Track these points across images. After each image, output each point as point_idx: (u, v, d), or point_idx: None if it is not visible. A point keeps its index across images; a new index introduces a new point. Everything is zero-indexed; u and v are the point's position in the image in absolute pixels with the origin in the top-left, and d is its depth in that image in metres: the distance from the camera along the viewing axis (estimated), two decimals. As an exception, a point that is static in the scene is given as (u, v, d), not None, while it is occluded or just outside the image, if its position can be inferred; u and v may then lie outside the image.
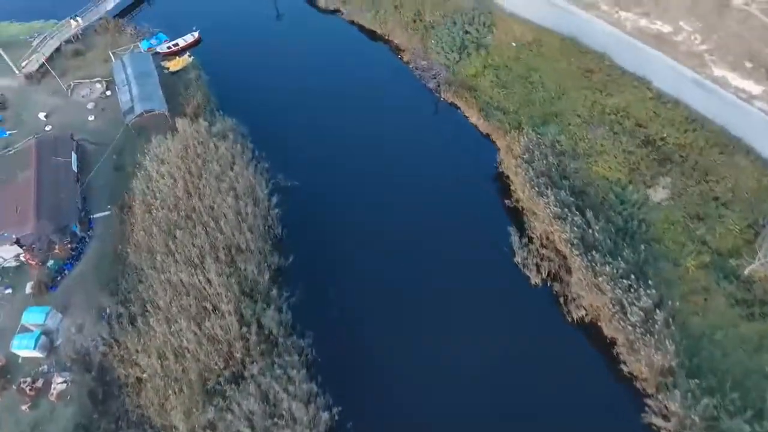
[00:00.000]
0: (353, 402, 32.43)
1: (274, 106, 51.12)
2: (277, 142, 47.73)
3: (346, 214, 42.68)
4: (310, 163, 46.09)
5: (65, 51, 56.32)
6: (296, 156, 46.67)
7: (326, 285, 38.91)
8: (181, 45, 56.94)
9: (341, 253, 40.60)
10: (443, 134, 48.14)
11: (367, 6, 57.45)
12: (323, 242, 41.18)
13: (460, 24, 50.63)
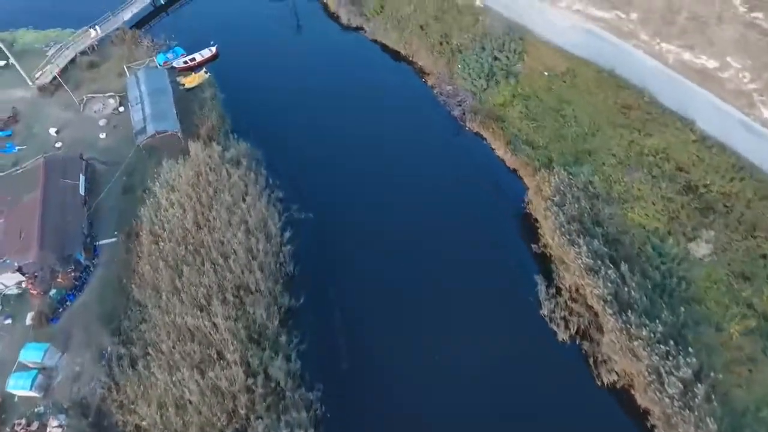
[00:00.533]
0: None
1: (290, 129, 49.04)
2: (293, 168, 45.82)
3: (362, 250, 40.34)
4: (326, 192, 43.99)
5: (80, 62, 54.89)
6: (312, 184, 44.65)
7: (339, 329, 36.85)
8: (198, 60, 55.13)
9: (356, 293, 38.38)
10: (467, 166, 45.52)
11: (391, 25, 55.05)
12: (337, 281, 39.03)
13: (489, 50, 48.02)
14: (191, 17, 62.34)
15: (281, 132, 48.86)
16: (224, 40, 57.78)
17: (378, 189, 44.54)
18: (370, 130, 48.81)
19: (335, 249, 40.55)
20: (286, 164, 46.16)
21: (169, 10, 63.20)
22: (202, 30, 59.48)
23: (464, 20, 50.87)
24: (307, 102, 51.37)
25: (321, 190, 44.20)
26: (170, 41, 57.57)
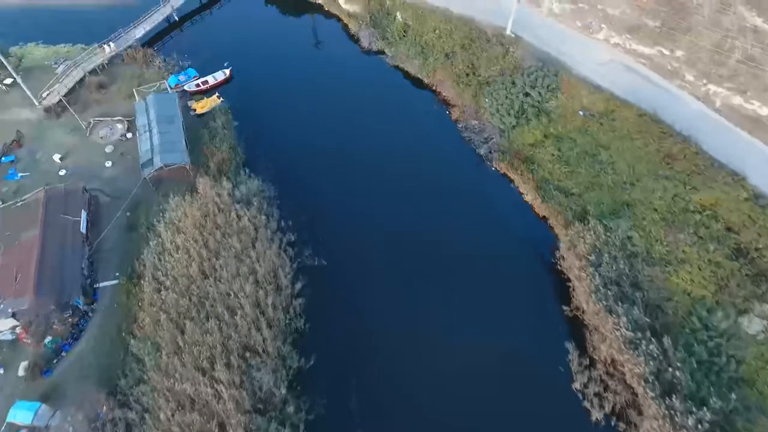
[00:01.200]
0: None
1: (305, 160, 46.26)
2: (306, 205, 42.89)
3: (379, 302, 37.51)
4: (341, 233, 41.20)
5: (89, 82, 52.55)
6: (326, 223, 41.79)
7: (352, 395, 34.04)
8: (211, 83, 52.58)
9: (372, 353, 35.46)
10: (492, 210, 42.43)
11: (414, 52, 52.08)
12: (352, 337, 36.03)
13: (520, 85, 44.81)
14: (206, 34, 59.90)
15: (295, 163, 46.15)
16: (239, 60, 55.28)
17: (397, 231, 41.49)
18: (389, 164, 45.87)
19: (350, 300, 37.65)
20: (300, 200, 43.29)
21: (183, 26, 60.73)
22: (216, 48, 57.11)
23: (493, 51, 47.71)
24: (322, 131, 48.63)
25: (335, 231, 41.39)
26: (183, 61, 55.28)
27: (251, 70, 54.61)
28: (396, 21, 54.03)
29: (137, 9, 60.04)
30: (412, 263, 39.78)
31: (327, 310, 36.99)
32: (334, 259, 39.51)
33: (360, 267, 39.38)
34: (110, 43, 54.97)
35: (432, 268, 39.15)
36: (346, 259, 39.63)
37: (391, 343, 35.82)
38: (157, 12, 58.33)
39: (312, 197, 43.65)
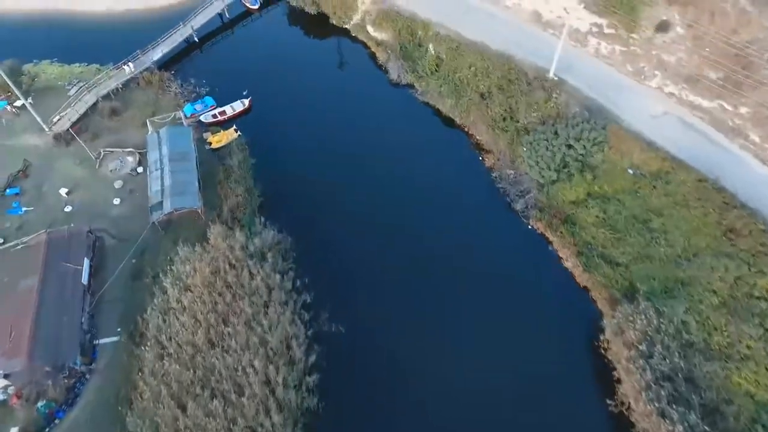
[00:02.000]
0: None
1: (325, 206, 42.77)
2: (325, 259, 39.65)
3: (402, 377, 34.16)
4: (362, 293, 37.83)
5: (101, 108, 49.83)
6: (346, 280, 38.50)
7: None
8: (229, 114, 49.56)
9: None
10: (526, 275, 38.56)
11: (447, 89, 48.34)
12: (373, 420, 32.85)
13: (563, 136, 40.83)
14: (226, 56, 56.78)
15: (315, 206, 42.82)
16: (259, 87, 52.09)
17: (423, 292, 38.02)
18: (416, 212, 42.35)
19: (370, 374, 34.36)
20: (319, 251, 39.98)
21: (203, 46, 57.89)
22: (235, 72, 54.04)
23: (534, 95, 43.78)
24: (345, 171, 45.20)
25: (356, 289, 38.07)
26: (200, 87, 52.25)
27: (271, 99, 51.41)
28: (428, 54, 50.34)
29: (155, 29, 57.63)
30: (439, 331, 36.32)
31: (344, 386, 33.67)
32: (354, 324, 36.12)
33: (382, 333, 35.95)
34: (129, 63, 52.37)
35: (459, 335, 35.63)
36: (366, 324, 36.24)
37: (417, 424, 32.48)
38: (176, 33, 55.46)
39: (332, 247, 40.34)
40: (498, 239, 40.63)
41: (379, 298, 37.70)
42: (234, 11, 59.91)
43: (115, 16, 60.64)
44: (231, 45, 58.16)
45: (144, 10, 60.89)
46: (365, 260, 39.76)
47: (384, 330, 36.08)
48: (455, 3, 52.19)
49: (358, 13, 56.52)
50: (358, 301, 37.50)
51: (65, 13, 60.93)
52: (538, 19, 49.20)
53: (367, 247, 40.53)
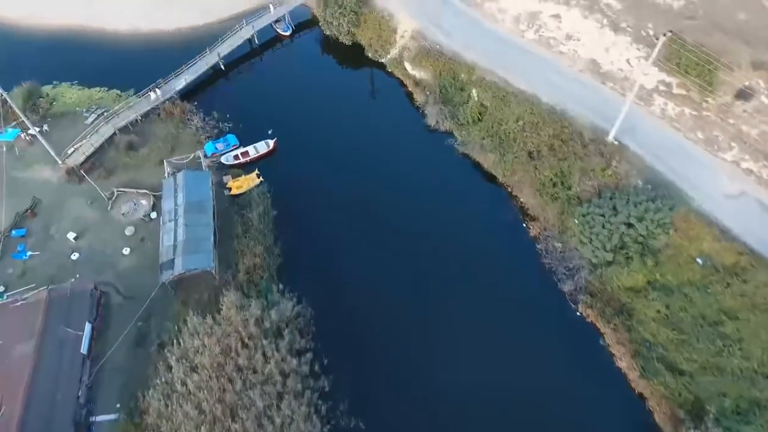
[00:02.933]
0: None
1: (350, 268, 39.05)
2: (347, 333, 35.74)
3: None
4: (389, 380, 33.83)
5: (118, 141, 46.79)
6: (370, 360, 34.57)
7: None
8: (252, 155, 46.00)
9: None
10: (573, 372, 33.77)
11: (490, 142, 43.93)
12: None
13: (623, 213, 36.14)
14: (252, 86, 53.12)
15: (340, 270, 38.98)
16: (285, 124, 48.35)
17: (455, 381, 33.87)
18: (451, 285, 37.95)
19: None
20: (341, 325, 36.04)
21: (229, 74, 54.42)
22: (261, 105, 50.45)
23: (591, 160, 39.12)
24: (374, 228, 41.15)
25: (380, 377, 34.18)
26: (223, 122, 48.81)
27: (298, 138, 47.57)
28: (470, 101, 46.03)
29: (181, 52, 54.45)
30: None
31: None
32: (377, 421, 32.29)
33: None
34: (152, 92, 49.27)
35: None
36: (390, 418, 32.40)
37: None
38: (201, 60, 52.16)
39: (357, 319, 36.35)
40: (541, 324, 35.98)
41: (405, 387, 33.73)
42: (264, 35, 56.65)
43: (140, 36, 57.77)
44: (258, 74, 54.68)
45: (171, 32, 57.91)
46: (393, 338, 35.75)
47: (411, 422, 32.17)
48: (503, 46, 47.81)
49: (396, 48, 52.45)
50: (382, 390, 33.63)
51: (90, 31, 58.28)
52: (595, 69, 44.40)
53: (394, 321, 36.50)
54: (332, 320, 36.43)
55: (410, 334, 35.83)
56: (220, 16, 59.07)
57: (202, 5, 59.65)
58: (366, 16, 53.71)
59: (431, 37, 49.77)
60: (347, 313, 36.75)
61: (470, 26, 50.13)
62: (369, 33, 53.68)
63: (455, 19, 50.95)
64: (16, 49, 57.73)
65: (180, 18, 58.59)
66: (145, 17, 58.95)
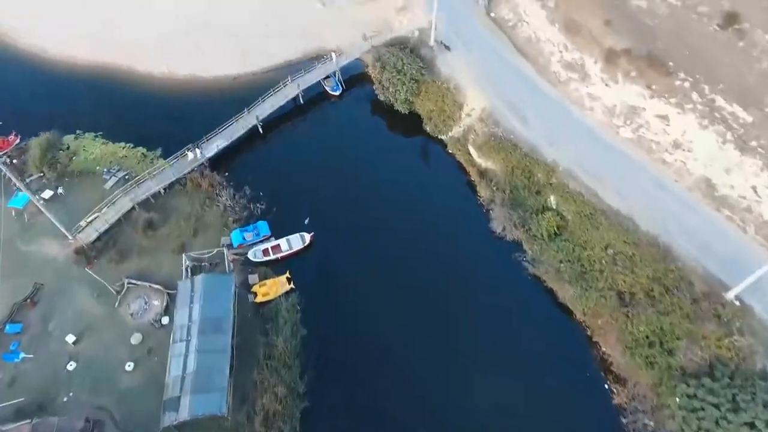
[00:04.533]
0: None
1: (396, 417, 32.41)
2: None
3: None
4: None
5: (136, 217, 41.14)
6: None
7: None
8: (284, 251, 39.40)
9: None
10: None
11: (569, 270, 35.86)
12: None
13: (749, 412, 27.85)
14: (291, 155, 46.07)
15: (380, 418, 32.38)
16: (325, 209, 41.84)
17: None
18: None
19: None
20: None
21: (268, 136, 47.81)
22: (300, 181, 43.76)
23: (703, 324, 31.03)
24: (421, 360, 34.34)
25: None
26: (254, 202, 42.45)
27: (338, 229, 40.71)
28: (548, 209, 38.37)
29: (217, 104, 48.77)
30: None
31: None
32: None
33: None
34: (197, 150, 43.68)
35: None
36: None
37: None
38: (238, 122, 46.01)
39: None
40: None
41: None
42: (310, 90, 50.18)
43: (174, 81, 52.17)
44: (300, 140, 47.84)
45: (208, 80, 52.13)
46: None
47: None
48: (592, 142, 39.95)
49: (460, 127, 45.09)
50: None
51: (122, 71, 53.07)
52: (709, 192, 36.05)
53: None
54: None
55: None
56: (263, 65, 53.14)
57: (244, 53, 53.81)
58: (428, 85, 46.51)
59: (504, 123, 42.23)
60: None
61: (553, 112, 42.41)
62: (430, 104, 46.48)
63: (534, 100, 43.26)
64: (41, 81, 53.13)
65: (219, 65, 52.81)
66: (181, 60, 53.49)
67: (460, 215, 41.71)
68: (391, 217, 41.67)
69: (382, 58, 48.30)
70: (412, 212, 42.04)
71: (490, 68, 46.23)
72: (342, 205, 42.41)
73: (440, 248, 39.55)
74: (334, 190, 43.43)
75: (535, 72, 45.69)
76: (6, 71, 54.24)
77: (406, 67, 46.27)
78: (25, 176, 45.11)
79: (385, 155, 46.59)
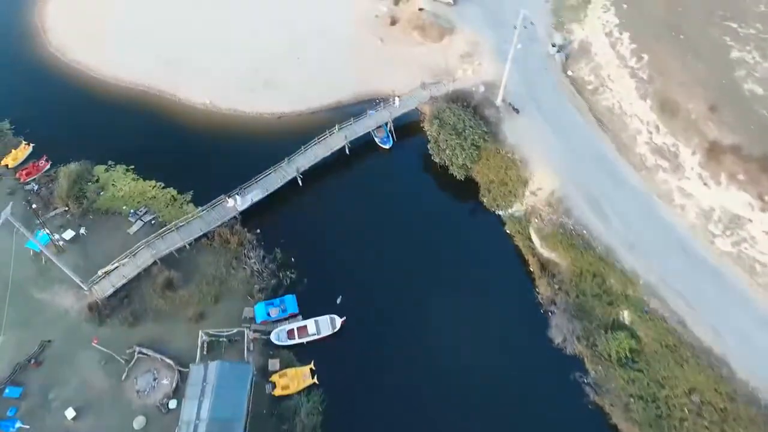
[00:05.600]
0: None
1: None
2: None
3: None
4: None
5: (156, 274, 37.63)
6: None
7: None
8: (311, 335, 34.84)
9: None
10: None
11: (641, 410, 29.73)
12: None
13: None
14: (329, 215, 41.40)
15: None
16: (362, 284, 37.45)
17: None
18: None
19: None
20: None
21: (307, 191, 43.15)
22: (335, 248, 39.44)
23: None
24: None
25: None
26: (285, 270, 38.32)
27: (374, 311, 36.10)
28: (619, 328, 32.74)
29: (257, 145, 45.34)
30: None
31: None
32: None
33: None
34: (230, 201, 40.14)
35: None
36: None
37: None
38: (276, 172, 42.10)
39: None
40: None
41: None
42: (358, 140, 45.62)
43: (216, 115, 48.74)
44: (342, 197, 43.14)
45: (251, 117, 48.48)
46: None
47: None
48: (680, 252, 33.92)
49: (522, 205, 39.71)
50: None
51: (163, 98, 50.25)
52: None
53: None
54: None
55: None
56: (311, 105, 49.10)
57: (291, 89, 49.95)
58: (489, 153, 41.35)
59: (577, 213, 36.61)
60: None
61: (634, 205, 36.53)
62: (490, 174, 41.26)
63: (613, 188, 37.43)
64: (81, 98, 50.79)
65: (264, 101, 49.11)
66: (225, 94, 49.92)
67: (514, 313, 36.27)
68: (436, 303, 36.67)
69: (440, 114, 43.38)
70: (460, 300, 36.75)
71: (563, 140, 40.66)
72: (381, 282, 37.77)
73: (490, 351, 34.14)
74: (374, 263, 38.87)
75: (616, 150, 39.85)
76: (48, 85, 52.40)
77: (468, 131, 41.18)
78: (50, 208, 43.05)
79: (435, 226, 41.31)
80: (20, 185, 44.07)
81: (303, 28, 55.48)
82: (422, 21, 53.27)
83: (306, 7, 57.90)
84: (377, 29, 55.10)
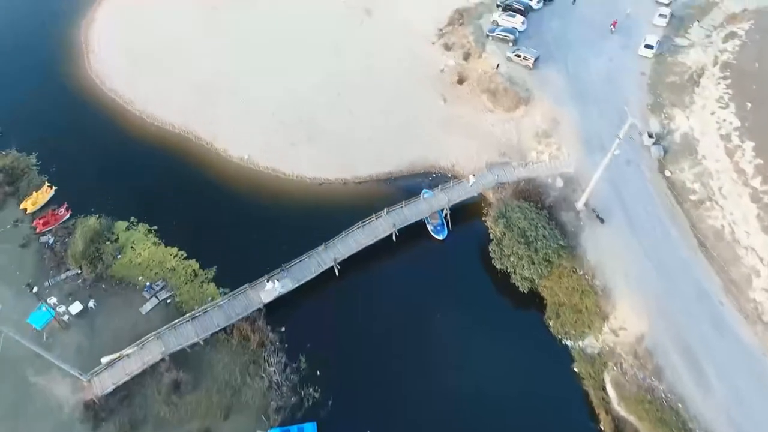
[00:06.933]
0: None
1: None
2: None
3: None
4: None
5: (162, 372, 32.92)
6: None
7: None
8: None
9: None
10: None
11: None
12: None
13: None
14: (367, 316, 35.60)
15: None
16: (397, 412, 31.51)
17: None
18: None
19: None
20: None
21: (343, 282, 37.22)
22: (369, 357, 33.87)
23: None
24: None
25: None
26: (309, 387, 32.76)
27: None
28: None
29: (291, 215, 40.35)
30: None
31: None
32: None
33: None
34: (253, 292, 35.04)
35: None
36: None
37: None
38: (310, 258, 36.72)
39: None
40: None
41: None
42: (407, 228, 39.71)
43: (250, 172, 43.97)
44: (384, 296, 37.08)
45: (288, 177, 43.37)
46: None
47: None
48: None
49: (596, 341, 32.66)
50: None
51: (198, 144, 45.90)
52: None
53: None
54: None
55: None
56: (357, 174, 43.48)
57: (337, 154, 44.47)
58: (563, 271, 34.70)
59: (670, 375, 29.36)
60: None
61: (747, 371, 29.04)
62: (560, 294, 34.44)
63: (719, 345, 29.87)
64: (112, 137, 46.94)
65: (306, 164, 43.84)
66: (264, 146, 45.12)
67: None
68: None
69: (508, 213, 36.85)
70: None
71: (655, 265, 33.41)
72: (419, 413, 31.90)
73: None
74: (416, 387, 32.84)
75: (722, 289, 32.40)
76: (81, 116, 48.75)
77: (540, 242, 34.38)
78: (62, 269, 39.17)
79: (489, 346, 34.51)
80: (35, 236, 40.56)
81: (356, 75, 50.00)
82: (494, 84, 46.46)
83: (362, 49, 52.53)
84: (441, 86, 48.86)
